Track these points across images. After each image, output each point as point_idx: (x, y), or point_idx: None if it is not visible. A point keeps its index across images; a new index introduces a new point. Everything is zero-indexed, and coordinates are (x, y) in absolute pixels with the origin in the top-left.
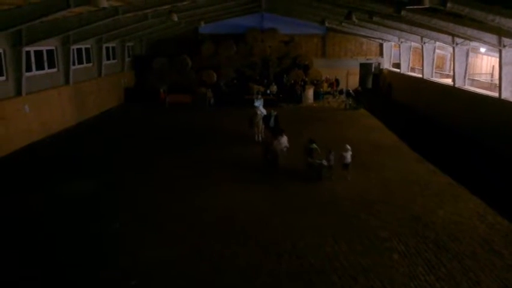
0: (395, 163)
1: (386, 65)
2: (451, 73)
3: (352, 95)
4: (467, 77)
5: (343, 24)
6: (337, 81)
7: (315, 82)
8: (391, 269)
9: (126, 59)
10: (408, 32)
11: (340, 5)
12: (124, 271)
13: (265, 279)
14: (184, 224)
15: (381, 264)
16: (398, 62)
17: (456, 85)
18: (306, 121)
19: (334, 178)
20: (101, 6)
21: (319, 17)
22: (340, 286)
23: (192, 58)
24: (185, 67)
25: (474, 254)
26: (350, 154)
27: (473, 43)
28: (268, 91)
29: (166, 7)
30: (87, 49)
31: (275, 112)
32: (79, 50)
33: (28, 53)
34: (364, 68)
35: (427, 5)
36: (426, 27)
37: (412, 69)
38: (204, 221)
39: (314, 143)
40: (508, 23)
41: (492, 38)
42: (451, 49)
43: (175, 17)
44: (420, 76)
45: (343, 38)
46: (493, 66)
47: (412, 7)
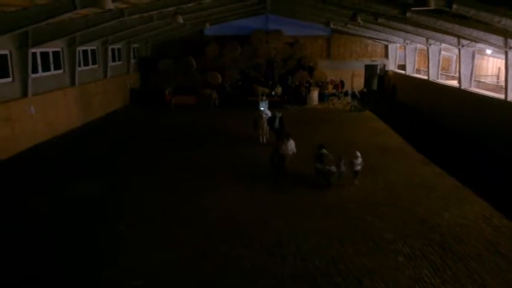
0: (401, 165)
1: (391, 67)
2: (457, 75)
3: (357, 97)
4: (473, 79)
5: (348, 25)
6: (342, 82)
7: (320, 84)
8: (396, 271)
9: (132, 61)
10: (413, 34)
11: (345, 7)
12: (129, 272)
13: (269, 281)
14: (189, 226)
15: (386, 266)
16: (403, 64)
17: (462, 87)
18: (311, 123)
19: (341, 182)
20: (107, 8)
21: (324, 19)
22: None
23: (197, 60)
24: (190, 69)
25: (479, 257)
26: (360, 161)
27: (479, 45)
28: (273, 93)
29: (172, 9)
30: (93, 51)
31: (280, 114)
32: (85, 52)
33: (34, 55)
34: (369, 70)
35: (432, 7)
36: (431, 28)
37: (417, 70)
38: (209, 223)
39: (324, 148)
40: None
41: (498, 40)
42: (457, 51)
43: (181, 19)
44: (425, 78)
45: (348, 40)
46: (499, 68)
47: (417, 8)
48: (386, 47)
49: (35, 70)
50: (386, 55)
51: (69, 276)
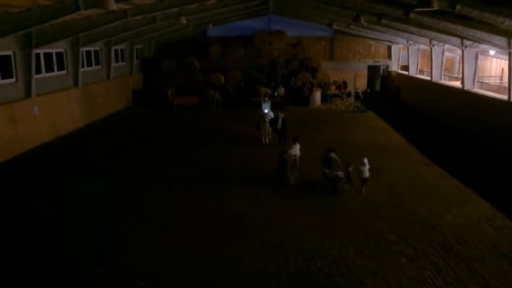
0: (403, 166)
1: (394, 68)
2: (460, 76)
3: (361, 97)
4: (476, 80)
5: (351, 26)
6: (345, 83)
7: (323, 84)
8: (398, 273)
9: (135, 61)
10: (417, 35)
11: (348, 8)
12: (130, 272)
13: (270, 281)
14: (191, 226)
15: (388, 267)
16: (407, 65)
17: (465, 88)
18: (314, 124)
19: (350, 190)
20: (110, 9)
21: (327, 20)
22: None
23: (200, 60)
24: (193, 69)
25: (482, 258)
26: (368, 168)
27: (482, 45)
28: (275, 93)
29: (175, 10)
30: (96, 51)
31: (282, 114)
32: (88, 53)
33: (38, 55)
34: (372, 71)
35: (436, 8)
36: (435, 29)
37: (420, 71)
38: (211, 223)
39: (333, 152)
40: None
41: (501, 41)
42: (460, 51)
43: (184, 20)
44: (428, 79)
45: (351, 41)
46: (502, 68)
47: (421, 9)
48: (389, 48)
49: (39, 71)
50: (389, 56)
51: (70, 276)
